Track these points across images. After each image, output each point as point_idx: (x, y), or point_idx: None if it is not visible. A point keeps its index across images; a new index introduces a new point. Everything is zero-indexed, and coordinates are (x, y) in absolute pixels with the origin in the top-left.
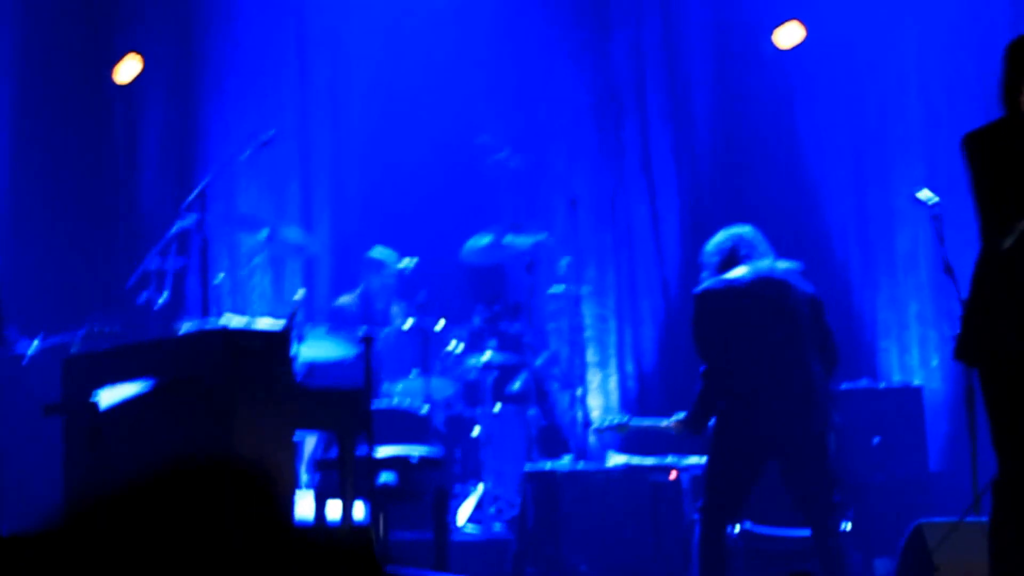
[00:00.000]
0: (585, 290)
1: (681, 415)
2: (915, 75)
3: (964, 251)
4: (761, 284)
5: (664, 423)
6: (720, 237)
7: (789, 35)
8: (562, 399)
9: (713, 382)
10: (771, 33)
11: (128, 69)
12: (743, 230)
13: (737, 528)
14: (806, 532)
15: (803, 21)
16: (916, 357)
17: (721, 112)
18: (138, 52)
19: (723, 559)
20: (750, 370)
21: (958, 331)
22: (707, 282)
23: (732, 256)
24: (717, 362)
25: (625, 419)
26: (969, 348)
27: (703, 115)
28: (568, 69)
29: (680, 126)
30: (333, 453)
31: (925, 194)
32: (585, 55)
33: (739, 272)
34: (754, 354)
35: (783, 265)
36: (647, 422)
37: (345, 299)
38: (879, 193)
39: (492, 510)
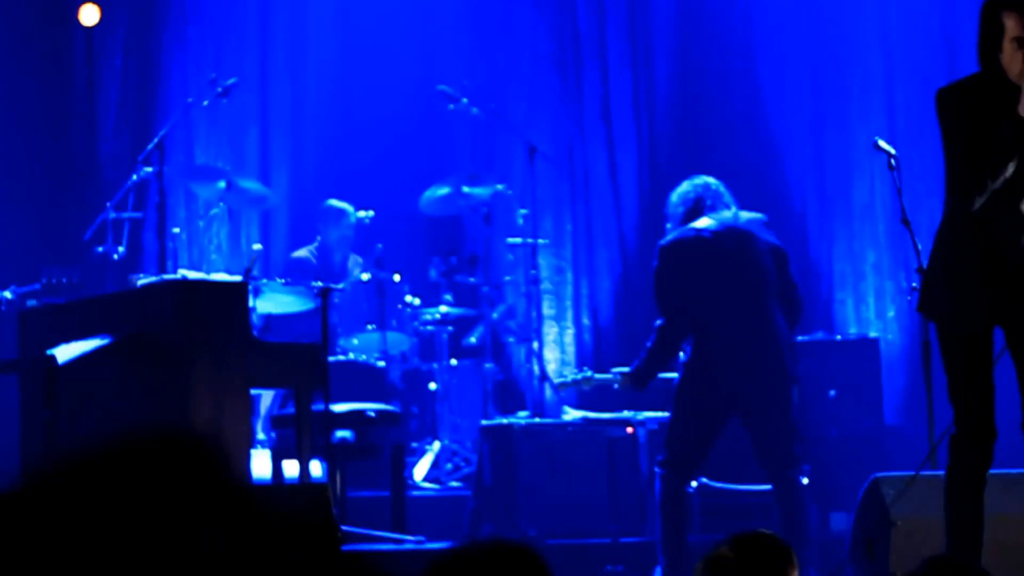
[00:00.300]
0: (542, 241)
1: (626, 369)
2: (875, 25)
3: (922, 201)
4: (726, 235)
5: (602, 378)
6: (684, 187)
7: None
8: (518, 353)
9: (668, 337)
10: None
11: (90, 13)
12: (707, 180)
13: (694, 484)
14: (763, 487)
15: None
16: (872, 309)
17: (681, 62)
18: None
19: (684, 514)
20: (713, 323)
21: (918, 284)
22: (672, 233)
23: (697, 206)
24: (678, 315)
25: (587, 374)
26: (932, 304)
27: (663, 65)
28: (529, 15)
29: (640, 75)
30: (289, 409)
31: (884, 144)
32: (547, 4)
33: (704, 223)
34: (718, 306)
35: (747, 215)
36: (607, 377)
37: (301, 252)
38: (837, 144)
39: (449, 467)
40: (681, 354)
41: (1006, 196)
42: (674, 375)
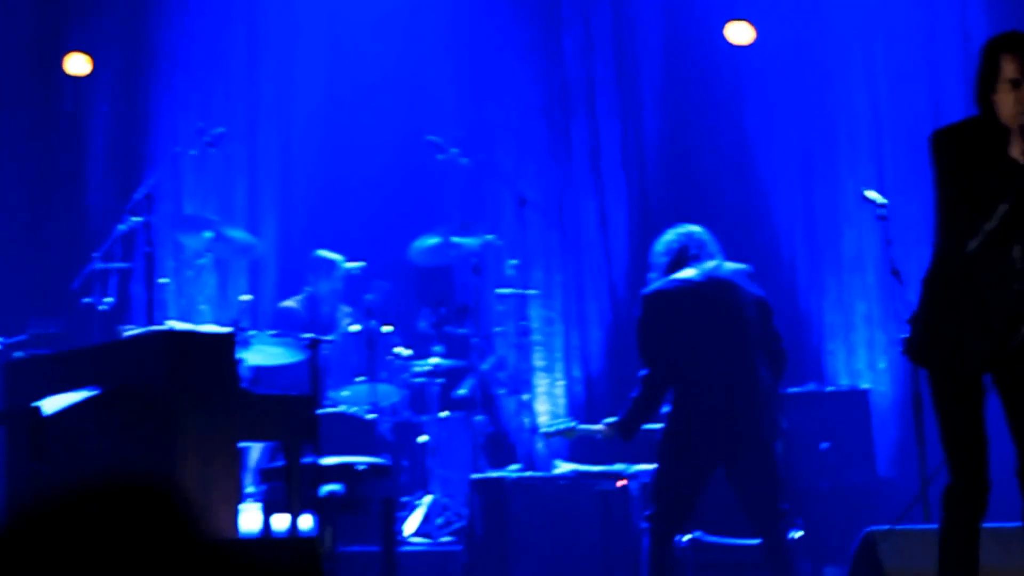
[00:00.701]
0: (532, 292)
1: (612, 420)
2: (863, 75)
3: (911, 252)
4: (709, 285)
5: (595, 428)
6: (669, 236)
7: (740, 33)
8: (509, 405)
9: (652, 387)
10: (720, 33)
11: (77, 63)
12: (693, 229)
13: (687, 537)
14: (756, 541)
15: (752, 20)
16: (863, 360)
17: (669, 113)
18: (87, 47)
19: (672, 568)
20: (695, 374)
21: (908, 331)
22: (656, 283)
23: (681, 256)
24: (661, 366)
25: (572, 424)
26: (921, 350)
27: (652, 115)
28: (518, 68)
29: (629, 126)
30: (279, 462)
31: (873, 194)
32: (535, 54)
33: (688, 273)
34: (700, 357)
35: (730, 266)
36: (593, 428)
37: (290, 303)
38: (826, 194)
39: (440, 521)
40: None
41: (998, 241)
42: (659, 425)
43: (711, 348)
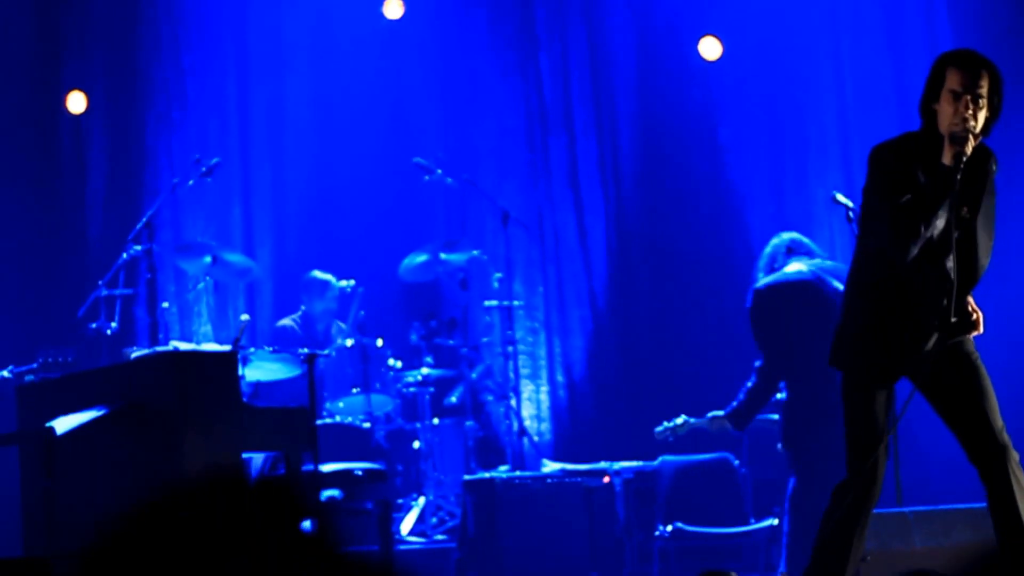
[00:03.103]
0: (517, 304)
1: (718, 413)
2: (831, 85)
3: None
4: (817, 280)
5: (697, 422)
6: (775, 241)
7: (710, 49)
8: (497, 410)
9: (767, 377)
10: (691, 51)
11: (77, 101)
12: (793, 234)
13: (669, 528)
14: (732, 530)
15: (721, 36)
16: None
17: (644, 128)
18: (85, 83)
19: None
20: (809, 363)
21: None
22: (767, 278)
23: (787, 254)
24: (775, 356)
25: (683, 419)
26: (847, 352)
27: (627, 131)
28: (498, 90)
29: (605, 142)
30: (280, 470)
31: (842, 198)
32: (513, 77)
33: (796, 267)
34: (814, 346)
35: (830, 264)
36: (702, 421)
37: (286, 321)
38: (797, 199)
39: (434, 520)
40: (779, 395)
41: (934, 250)
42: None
43: (822, 338)
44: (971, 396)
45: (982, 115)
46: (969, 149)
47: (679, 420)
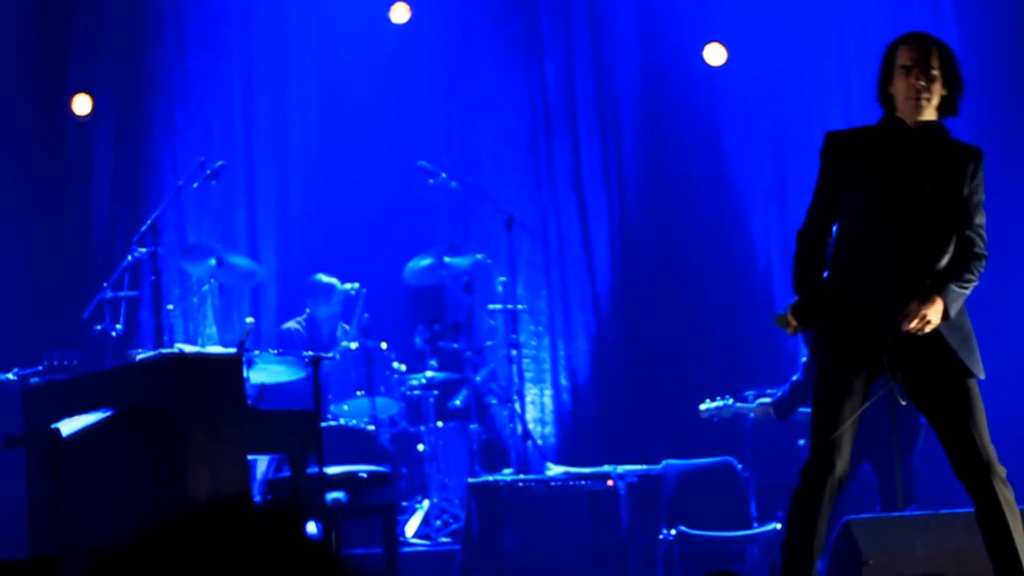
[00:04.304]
0: (521, 307)
1: (766, 400)
2: (836, 92)
3: None
4: None
5: (743, 407)
6: None
7: (715, 55)
8: (501, 413)
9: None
10: (696, 56)
11: (82, 103)
12: None
13: (673, 532)
14: (735, 534)
15: (726, 42)
16: None
17: (648, 132)
18: (90, 86)
19: None
20: None
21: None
22: None
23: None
24: None
25: (729, 402)
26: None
27: (631, 135)
28: (502, 95)
29: (609, 146)
30: (285, 473)
31: None
32: (518, 81)
33: None
34: None
35: None
36: (747, 406)
37: (291, 324)
38: (800, 205)
39: (438, 523)
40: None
41: (880, 238)
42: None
43: None
44: (957, 411)
45: (936, 87)
46: (923, 114)
47: (727, 401)
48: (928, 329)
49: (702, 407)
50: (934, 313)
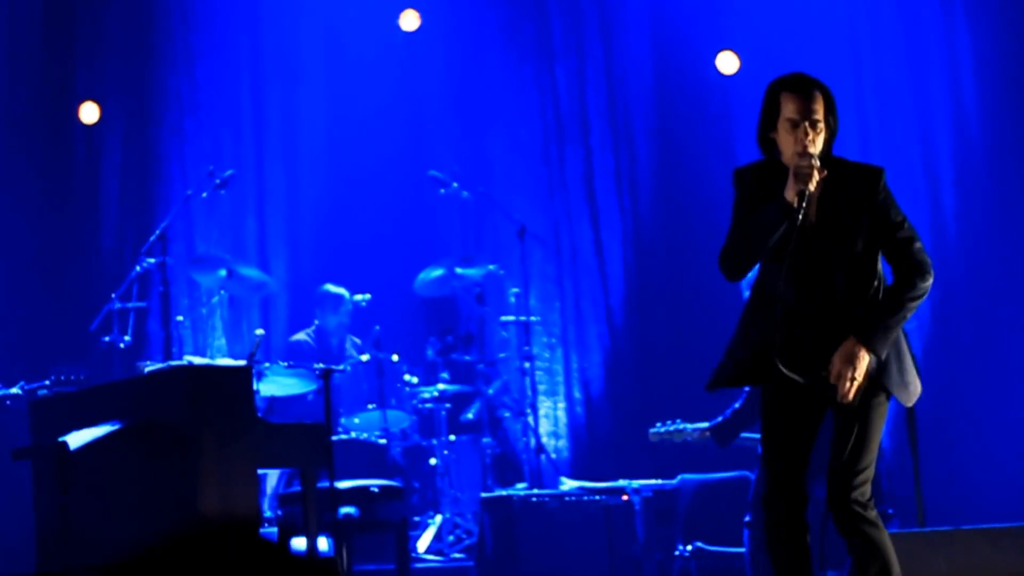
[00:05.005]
0: (534, 319)
1: (703, 424)
2: (849, 100)
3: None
4: None
5: (694, 427)
6: None
7: (728, 63)
8: (514, 427)
9: (754, 403)
10: (708, 64)
11: (90, 111)
12: None
13: (689, 547)
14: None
15: (739, 50)
16: None
17: (661, 140)
18: (98, 95)
19: None
20: None
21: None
22: None
23: None
24: None
25: (679, 426)
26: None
27: (644, 144)
28: (514, 103)
29: (621, 155)
30: (296, 487)
31: None
32: (530, 89)
33: None
34: None
35: None
36: (699, 426)
37: (301, 335)
38: None
39: (451, 538)
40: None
41: (774, 280)
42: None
43: None
44: (848, 423)
45: (820, 139)
46: (813, 186)
47: (677, 425)
48: (855, 385)
49: (651, 431)
50: (859, 370)
